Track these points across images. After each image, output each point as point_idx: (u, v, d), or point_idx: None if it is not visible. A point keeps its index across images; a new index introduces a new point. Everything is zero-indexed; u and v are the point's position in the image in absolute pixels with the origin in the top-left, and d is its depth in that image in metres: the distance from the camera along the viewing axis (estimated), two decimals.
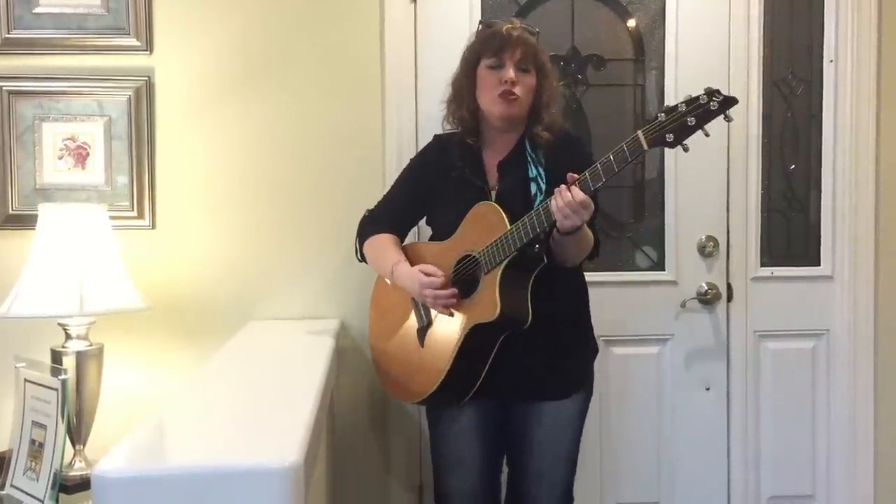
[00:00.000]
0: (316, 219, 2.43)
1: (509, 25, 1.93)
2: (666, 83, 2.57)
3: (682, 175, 2.59)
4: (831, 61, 2.59)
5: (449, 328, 1.91)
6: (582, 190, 1.70)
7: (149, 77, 2.38)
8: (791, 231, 2.67)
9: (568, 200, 1.69)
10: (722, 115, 1.61)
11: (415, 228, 2.21)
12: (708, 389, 2.62)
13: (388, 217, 2.09)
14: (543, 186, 1.90)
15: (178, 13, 2.38)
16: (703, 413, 2.62)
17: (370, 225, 2.09)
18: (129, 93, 2.37)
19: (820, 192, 2.63)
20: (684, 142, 1.64)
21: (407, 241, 2.14)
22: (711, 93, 1.61)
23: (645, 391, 2.62)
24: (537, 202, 1.87)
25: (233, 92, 2.41)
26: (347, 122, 2.44)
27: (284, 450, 1.13)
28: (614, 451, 2.61)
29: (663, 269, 2.61)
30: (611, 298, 2.53)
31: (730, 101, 1.61)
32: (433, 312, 1.96)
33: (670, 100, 2.56)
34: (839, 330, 2.62)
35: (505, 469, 2.11)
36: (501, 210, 1.84)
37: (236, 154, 2.42)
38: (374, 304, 2.17)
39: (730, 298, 2.60)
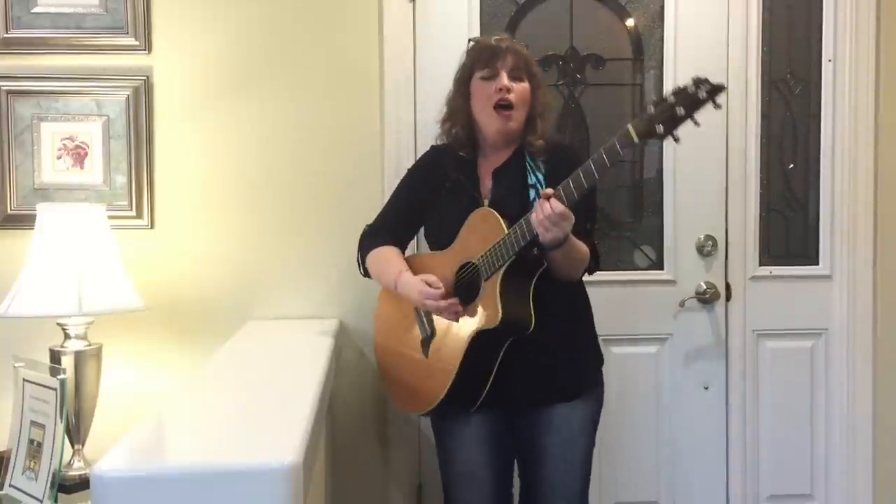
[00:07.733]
0: (315, 219, 2.43)
1: (498, 37, 1.97)
2: (665, 83, 2.57)
3: (681, 174, 2.59)
4: (830, 61, 2.59)
5: (453, 337, 1.90)
6: (566, 198, 1.68)
7: (147, 77, 2.37)
8: (790, 230, 2.67)
9: (547, 213, 1.67)
10: (711, 103, 1.58)
11: (414, 241, 2.20)
12: (707, 388, 2.63)
13: (388, 229, 2.08)
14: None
15: (177, 13, 2.38)
16: (701, 412, 2.62)
17: (370, 238, 2.08)
18: (128, 92, 2.37)
19: (818, 191, 2.64)
20: (675, 132, 1.60)
21: (408, 252, 2.12)
22: (699, 81, 1.59)
23: (644, 390, 2.62)
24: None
25: (231, 92, 2.41)
26: (346, 122, 2.44)
27: (284, 450, 1.13)
28: (613, 450, 2.60)
29: (662, 269, 2.61)
30: (609, 298, 2.52)
31: (717, 89, 1.58)
32: (435, 322, 1.95)
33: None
34: (838, 329, 2.63)
35: (517, 482, 2.07)
36: (498, 215, 1.83)
37: (235, 154, 2.42)
38: (380, 319, 2.15)
39: (728, 298, 2.60)
